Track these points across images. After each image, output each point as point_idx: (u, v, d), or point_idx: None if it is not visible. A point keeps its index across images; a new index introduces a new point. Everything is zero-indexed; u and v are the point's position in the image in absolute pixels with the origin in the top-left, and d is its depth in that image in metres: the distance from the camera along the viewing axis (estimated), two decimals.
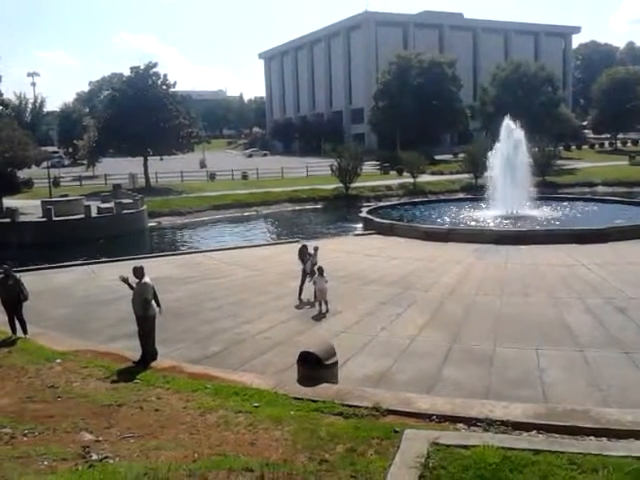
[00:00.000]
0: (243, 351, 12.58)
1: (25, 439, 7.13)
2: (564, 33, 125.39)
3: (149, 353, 11.18)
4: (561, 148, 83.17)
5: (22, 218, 39.03)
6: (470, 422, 7.72)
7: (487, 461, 6.04)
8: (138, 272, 11.45)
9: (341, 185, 54.56)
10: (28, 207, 43.67)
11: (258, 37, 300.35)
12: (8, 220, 37.70)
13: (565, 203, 36.83)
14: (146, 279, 11.37)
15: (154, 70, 62.69)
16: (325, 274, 15.70)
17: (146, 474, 5.68)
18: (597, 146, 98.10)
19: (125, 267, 16.35)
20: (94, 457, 6.35)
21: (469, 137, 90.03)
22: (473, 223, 30.29)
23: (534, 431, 7.38)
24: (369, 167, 66.67)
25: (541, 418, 7.73)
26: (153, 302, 11.43)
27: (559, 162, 65.54)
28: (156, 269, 21.63)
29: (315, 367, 9.51)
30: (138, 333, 11.39)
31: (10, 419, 7.87)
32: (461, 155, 69.21)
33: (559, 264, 20.46)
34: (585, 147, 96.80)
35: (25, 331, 13.14)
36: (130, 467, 5.87)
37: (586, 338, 12.70)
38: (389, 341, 12.99)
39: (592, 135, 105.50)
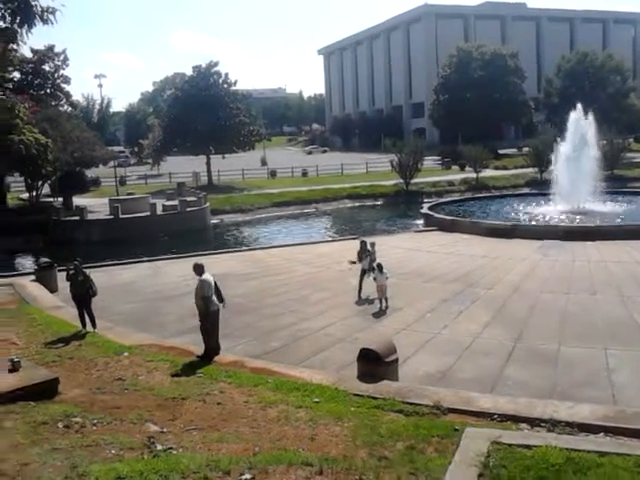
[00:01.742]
0: (303, 347, 12.68)
1: (94, 428, 7.40)
2: (634, 20, 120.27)
3: (212, 348, 11.39)
4: (631, 140, 79.91)
5: (90, 216, 40.38)
6: (533, 422, 7.53)
7: (550, 462, 5.89)
8: (198, 269, 11.67)
9: (401, 181, 54.12)
10: (96, 205, 45.19)
11: (317, 33, 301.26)
12: (77, 218, 39.13)
13: (635, 197, 35.47)
14: (205, 276, 11.54)
15: (215, 69, 63.79)
16: (385, 270, 15.63)
17: (208, 465, 5.81)
18: None
19: (189, 263, 16.70)
20: (159, 447, 6.53)
21: (533, 130, 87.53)
22: (538, 219, 29.53)
23: (601, 433, 7.14)
24: (430, 162, 65.91)
25: (609, 420, 7.47)
26: (215, 297, 11.60)
27: (629, 155, 63.12)
28: (218, 265, 22.06)
29: (375, 364, 9.48)
30: (200, 328, 11.61)
31: (81, 409, 8.19)
32: (525, 149, 67.56)
33: (629, 261, 19.73)
34: None
35: (94, 325, 13.61)
36: (193, 458, 6.02)
37: None
38: (451, 339, 12.83)
39: None
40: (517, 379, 10.54)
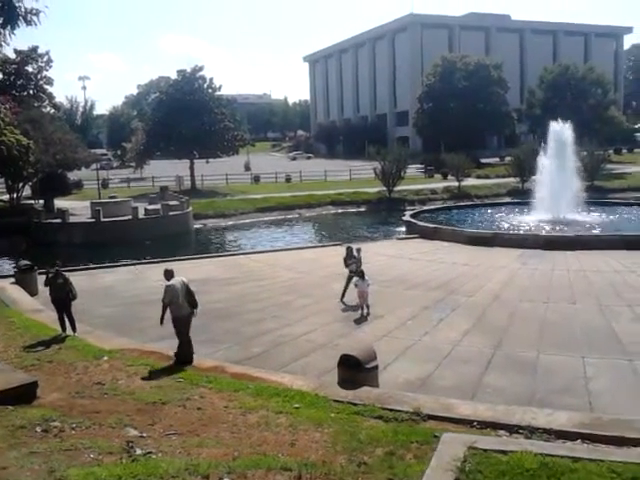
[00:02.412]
0: (284, 353, 12.68)
1: (73, 432, 7.34)
2: (615, 34, 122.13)
3: (181, 354, 11.35)
4: (611, 152, 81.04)
5: (72, 219, 40.09)
6: (512, 429, 7.62)
7: (524, 467, 5.97)
8: (167, 274, 11.74)
9: (384, 188, 54.37)
10: (78, 208, 44.86)
11: (302, 40, 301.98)
12: (59, 220, 38.82)
13: (614, 208, 35.96)
14: (172, 281, 11.51)
15: (200, 74, 63.71)
16: (367, 277, 15.70)
17: (187, 469, 5.80)
18: None
19: (174, 269, 16.63)
20: (138, 452, 6.50)
21: (516, 140, 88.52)
22: (519, 227, 29.82)
23: (578, 440, 7.24)
24: (413, 170, 66.28)
25: (586, 427, 7.58)
26: (184, 302, 11.55)
27: (609, 166, 63.96)
28: (200, 270, 22.04)
29: (356, 370, 9.52)
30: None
31: (59, 413, 8.12)
32: (507, 158, 68.19)
33: (607, 270, 19.99)
34: (637, 151, 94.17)
35: (74, 329, 13.51)
36: (171, 462, 6.01)
37: (635, 347, 12.36)
38: (431, 346, 12.91)
39: None
40: (496, 386, 10.63)
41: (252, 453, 6.61)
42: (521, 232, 28.38)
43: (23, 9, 10.93)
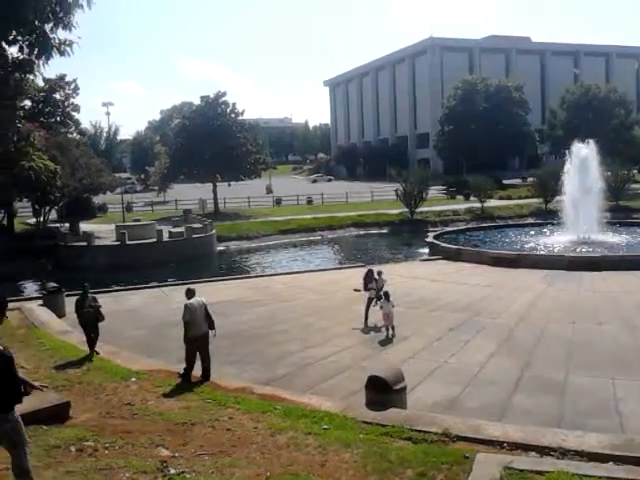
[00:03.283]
0: (310, 375, 12.72)
1: (106, 452, 7.45)
2: (637, 54, 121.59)
3: (186, 370, 11.55)
4: (635, 171, 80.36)
5: (97, 241, 40.55)
6: (542, 451, 7.55)
7: None
8: (188, 294, 11.91)
9: (406, 210, 54.34)
10: (103, 231, 45.44)
11: (323, 64, 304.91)
12: (85, 243, 39.31)
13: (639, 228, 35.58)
14: (192, 300, 11.70)
15: (223, 99, 64.63)
16: (392, 299, 15.72)
17: None
18: None
19: (195, 289, 16.76)
20: (172, 471, 6.58)
21: (538, 161, 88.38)
22: (543, 248, 29.62)
23: (610, 462, 7.16)
24: (435, 192, 66.22)
25: (618, 449, 7.49)
26: (204, 323, 11.65)
27: (634, 186, 63.34)
28: (225, 292, 22.20)
29: (384, 392, 9.51)
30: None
31: (92, 433, 8.24)
32: (530, 179, 67.87)
33: (634, 291, 19.77)
34: None
35: (93, 349, 13.65)
36: None
37: None
38: (458, 368, 12.86)
39: None
40: (525, 408, 10.56)
41: (284, 473, 6.65)
42: (546, 253, 28.19)
43: (57, 40, 11.32)
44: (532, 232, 35.61)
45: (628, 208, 54.64)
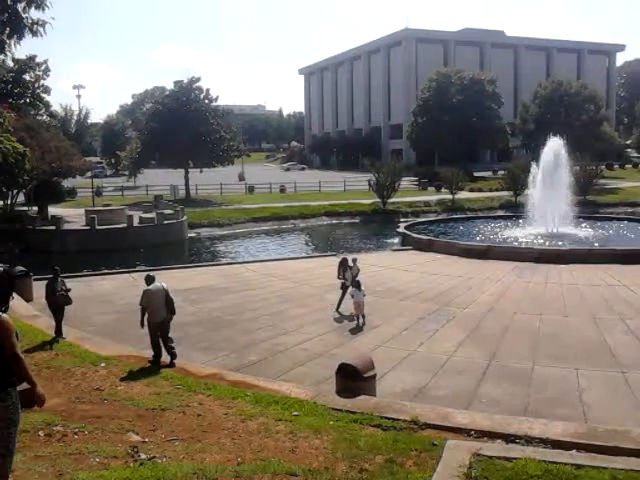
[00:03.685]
0: (281, 362, 12.78)
1: (76, 437, 7.39)
2: (608, 51, 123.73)
3: (154, 357, 11.78)
4: (603, 167, 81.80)
5: (66, 226, 39.99)
6: (509, 438, 7.71)
7: (529, 473, 6.10)
8: (147, 279, 12.04)
9: (378, 200, 54.54)
10: (72, 215, 44.77)
11: (298, 53, 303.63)
12: (53, 228, 38.71)
13: (606, 222, 36.30)
14: (150, 286, 11.80)
15: (197, 85, 63.89)
16: (363, 287, 15.83)
17: (195, 473, 5.87)
18: None
19: (165, 276, 16.74)
20: (143, 456, 6.56)
21: (509, 154, 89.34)
22: (512, 241, 30.04)
23: (574, 450, 7.34)
24: (407, 183, 66.55)
25: (581, 437, 7.69)
26: (163, 309, 11.77)
27: (601, 181, 64.45)
28: (195, 279, 22.13)
29: (354, 379, 9.61)
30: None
31: (61, 417, 8.17)
32: (501, 172, 68.63)
33: (600, 284, 20.19)
34: (629, 166, 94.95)
35: (60, 333, 13.57)
36: (180, 466, 6.07)
37: (627, 359, 12.54)
38: (427, 356, 13.03)
39: (636, 154, 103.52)
40: (491, 397, 10.77)
41: (254, 459, 6.68)
42: (515, 245, 28.60)
43: (30, 20, 11.09)
44: (502, 224, 36.10)
45: (595, 203, 55.65)
